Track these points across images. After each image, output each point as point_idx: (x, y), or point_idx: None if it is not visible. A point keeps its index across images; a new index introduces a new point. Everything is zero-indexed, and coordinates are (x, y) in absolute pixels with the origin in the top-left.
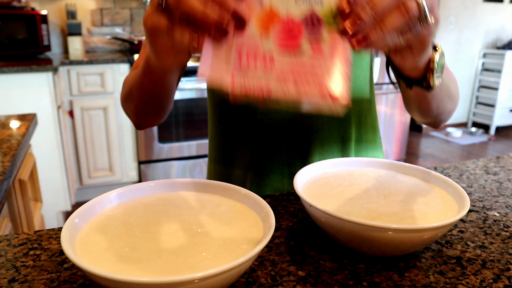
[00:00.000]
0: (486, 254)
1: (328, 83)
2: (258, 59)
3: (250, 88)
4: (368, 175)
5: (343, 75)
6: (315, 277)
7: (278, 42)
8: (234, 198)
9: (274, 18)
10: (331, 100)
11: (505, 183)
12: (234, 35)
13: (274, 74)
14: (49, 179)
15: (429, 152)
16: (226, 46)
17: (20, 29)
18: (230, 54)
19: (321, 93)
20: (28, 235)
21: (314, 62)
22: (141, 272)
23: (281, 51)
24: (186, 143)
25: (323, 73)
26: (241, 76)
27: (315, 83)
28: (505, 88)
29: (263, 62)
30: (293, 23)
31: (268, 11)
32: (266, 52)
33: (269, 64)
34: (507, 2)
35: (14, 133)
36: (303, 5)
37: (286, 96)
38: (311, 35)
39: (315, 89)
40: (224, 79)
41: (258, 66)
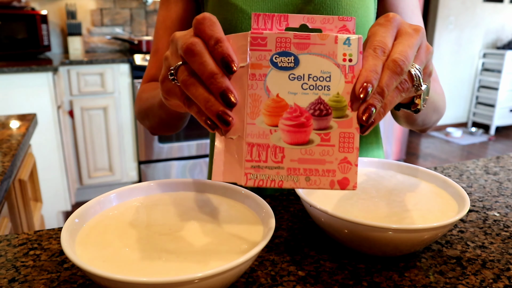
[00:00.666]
0: (486, 254)
1: (336, 171)
2: (269, 151)
3: (262, 181)
4: (368, 175)
5: (353, 164)
6: (315, 277)
7: (286, 131)
8: (234, 198)
9: (282, 106)
10: (340, 187)
11: (505, 183)
12: (245, 125)
13: (285, 165)
14: (49, 179)
15: (429, 152)
16: (237, 138)
17: (20, 29)
18: (242, 147)
19: (330, 181)
20: (28, 235)
21: (322, 149)
22: (141, 272)
23: (290, 141)
24: (186, 143)
25: (332, 160)
26: (253, 169)
27: (324, 172)
28: (505, 88)
29: (273, 154)
30: (300, 110)
31: (275, 100)
32: (276, 145)
33: (279, 155)
34: (507, 2)
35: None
36: (310, 92)
37: (297, 186)
38: (319, 122)
39: (324, 177)
40: (238, 176)
41: (269, 157)
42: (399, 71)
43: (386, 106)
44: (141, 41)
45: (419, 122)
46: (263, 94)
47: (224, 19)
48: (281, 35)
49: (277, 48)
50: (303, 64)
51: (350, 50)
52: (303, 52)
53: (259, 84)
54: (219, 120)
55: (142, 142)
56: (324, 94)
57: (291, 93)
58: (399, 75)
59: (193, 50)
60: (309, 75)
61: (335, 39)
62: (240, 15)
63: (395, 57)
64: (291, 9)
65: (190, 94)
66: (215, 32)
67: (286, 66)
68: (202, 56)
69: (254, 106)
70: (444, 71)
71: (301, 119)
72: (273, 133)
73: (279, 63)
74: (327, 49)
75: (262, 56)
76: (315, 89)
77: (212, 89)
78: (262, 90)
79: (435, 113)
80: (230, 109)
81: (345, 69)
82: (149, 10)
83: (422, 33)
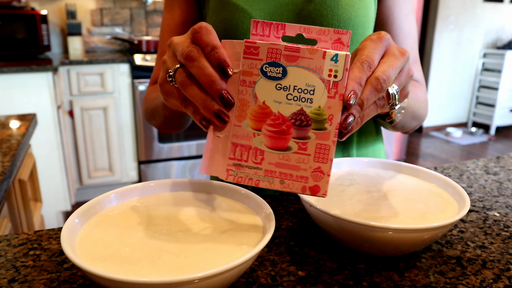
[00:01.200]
0: (486, 254)
1: (309, 179)
2: (251, 155)
3: (241, 178)
4: (368, 175)
5: (326, 174)
6: (315, 277)
7: (268, 136)
8: (234, 198)
9: (266, 113)
10: (310, 193)
11: (505, 183)
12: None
13: (263, 167)
14: (49, 179)
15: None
16: (224, 137)
17: (20, 29)
18: (227, 146)
19: (302, 187)
20: (28, 235)
21: (298, 157)
22: (141, 272)
23: (270, 145)
24: (186, 143)
25: (306, 168)
26: (234, 166)
27: (297, 178)
28: (505, 88)
29: (254, 156)
30: (283, 119)
31: (261, 106)
32: (257, 148)
33: (259, 157)
34: (507, 2)
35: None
36: (293, 103)
37: (271, 187)
38: (298, 131)
39: (297, 182)
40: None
41: (250, 158)
42: (379, 89)
43: (363, 117)
44: (141, 41)
45: (398, 127)
46: (251, 100)
47: (225, 19)
48: (273, 46)
49: (268, 58)
50: (290, 76)
51: (337, 67)
52: (292, 64)
53: (248, 90)
54: (217, 118)
55: (142, 142)
56: (306, 106)
57: (276, 101)
58: (379, 92)
59: (192, 56)
60: (294, 87)
61: (323, 54)
62: (241, 14)
63: (378, 75)
64: (291, 8)
65: (188, 94)
66: (212, 40)
67: (274, 76)
68: (201, 60)
69: (242, 110)
70: (444, 71)
71: (283, 127)
72: (256, 136)
73: (268, 73)
74: (314, 64)
75: (253, 64)
76: (299, 100)
77: (211, 91)
78: (251, 96)
79: (414, 120)
80: (228, 110)
81: (329, 84)
82: (149, 10)
83: (406, 57)
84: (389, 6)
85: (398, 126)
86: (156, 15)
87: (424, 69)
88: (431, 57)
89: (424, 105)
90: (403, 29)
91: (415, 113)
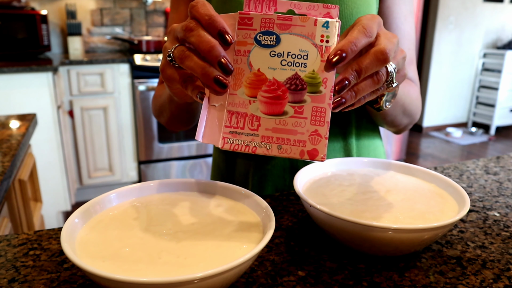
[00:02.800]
0: (486, 254)
1: (306, 142)
2: (247, 121)
3: (238, 146)
4: (368, 175)
5: (323, 137)
6: (315, 277)
7: (264, 102)
8: (234, 198)
9: (261, 80)
10: (309, 157)
11: (505, 183)
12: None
13: (260, 133)
14: (49, 179)
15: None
16: (220, 106)
17: (20, 29)
18: (223, 114)
19: (300, 151)
20: (28, 235)
21: (295, 121)
22: (141, 272)
23: (266, 111)
24: (186, 143)
25: (303, 132)
26: (231, 134)
27: (295, 142)
28: (505, 88)
29: (250, 122)
30: (278, 84)
31: (256, 74)
32: (253, 114)
33: (255, 123)
34: (507, 2)
35: (14, 133)
36: (288, 68)
37: (269, 153)
38: (294, 95)
39: (295, 147)
40: (216, 139)
41: (246, 125)
42: (382, 60)
43: (358, 91)
44: (141, 41)
45: (388, 121)
46: (246, 68)
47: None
48: (266, 16)
49: (261, 27)
50: (284, 43)
51: (328, 32)
52: (285, 32)
53: (243, 59)
54: (216, 83)
55: (142, 142)
56: (300, 70)
57: (271, 68)
58: (381, 64)
59: (191, 26)
60: (288, 53)
61: (314, 21)
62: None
63: (382, 47)
64: None
65: (187, 66)
66: (208, 10)
67: (268, 44)
68: (199, 30)
69: (237, 79)
70: (444, 71)
71: (278, 92)
72: (252, 103)
73: (262, 41)
74: (306, 30)
75: (247, 34)
76: (293, 65)
77: (210, 58)
78: (245, 65)
79: (405, 117)
80: (227, 76)
81: (321, 49)
82: (149, 10)
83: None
84: (388, 6)
85: (388, 119)
86: (156, 15)
87: (424, 69)
88: (431, 57)
89: (416, 103)
90: (401, 30)
91: (406, 108)
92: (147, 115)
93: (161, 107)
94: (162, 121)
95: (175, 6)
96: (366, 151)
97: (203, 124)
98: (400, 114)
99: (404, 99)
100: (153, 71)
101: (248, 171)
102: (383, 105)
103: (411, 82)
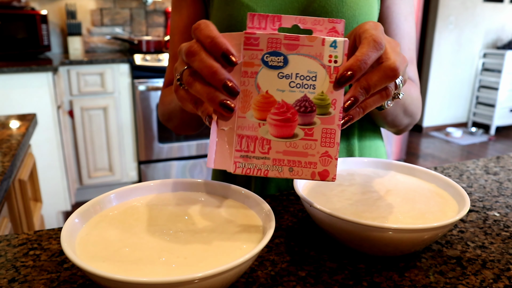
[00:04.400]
0: (486, 254)
1: (317, 164)
2: (257, 142)
3: (250, 170)
4: (368, 175)
5: (333, 158)
6: (315, 277)
7: (273, 125)
8: (234, 198)
9: (270, 102)
10: (320, 178)
11: (505, 183)
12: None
13: (271, 156)
14: (49, 179)
15: (429, 152)
16: (229, 129)
17: (20, 29)
18: (232, 138)
19: (311, 173)
20: (28, 235)
21: (305, 143)
22: (141, 272)
23: (277, 134)
24: (186, 143)
25: (314, 154)
26: (242, 158)
27: (306, 164)
28: (505, 88)
29: (261, 146)
30: (287, 107)
31: (264, 96)
32: (264, 137)
33: (266, 147)
34: (507, 2)
35: (14, 133)
36: (297, 90)
37: (281, 176)
38: (304, 118)
39: (306, 169)
40: (227, 164)
41: (257, 148)
42: (392, 76)
43: (366, 106)
44: (141, 41)
45: (388, 121)
46: (253, 90)
47: (229, 15)
48: (273, 36)
49: (268, 48)
50: (292, 64)
51: (336, 52)
52: (292, 53)
53: (251, 81)
54: (223, 107)
55: (142, 142)
56: (309, 92)
57: (279, 90)
58: (390, 80)
59: (192, 51)
60: (296, 74)
61: (322, 41)
62: (246, 11)
63: (392, 62)
64: (296, 6)
65: (194, 91)
66: (210, 31)
67: (275, 65)
68: (200, 54)
69: (245, 101)
70: (444, 71)
71: (288, 114)
72: (261, 126)
73: (270, 62)
74: (314, 51)
75: (254, 55)
76: (302, 87)
77: (214, 82)
78: (253, 87)
79: (406, 117)
80: (233, 99)
81: (330, 69)
82: (149, 10)
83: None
84: (388, 5)
85: (388, 119)
86: (156, 15)
87: (424, 69)
88: (431, 57)
89: (417, 102)
90: (401, 30)
91: (407, 108)
92: (147, 115)
93: (171, 113)
94: (170, 126)
95: (177, 9)
96: (368, 151)
97: (213, 150)
98: (401, 114)
99: (405, 99)
100: (153, 71)
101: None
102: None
103: (411, 82)
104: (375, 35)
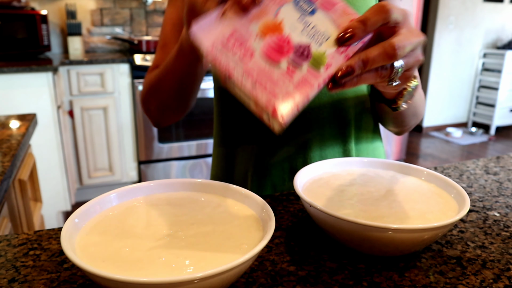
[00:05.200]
0: (486, 254)
1: (279, 98)
2: (242, 49)
3: (220, 63)
4: (368, 175)
5: (295, 104)
6: (315, 277)
7: (265, 47)
8: (234, 198)
9: (277, 30)
10: (271, 114)
11: (505, 183)
12: (240, 19)
13: (244, 66)
14: (49, 179)
15: (429, 152)
16: (228, 23)
17: (20, 29)
18: (224, 32)
19: (267, 103)
20: (28, 235)
21: (282, 77)
22: (141, 272)
23: (263, 55)
24: (186, 143)
25: (281, 91)
26: (219, 50)
27: (270, 92)
28: (505, 88)
29: (243, 53)
30: (288, 42)
31: (276, 23)
32: (251, 48)
33: (247, 58)
34: (507, 2)
35: (14, 133)
36: (305, 36)
37: (241, 85)
38: (294, 59)
39: (265, 97)
40: (205, 44)
41: (238, 53)
42: (391, 55)
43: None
44: (141, 41)
45: (398, 122)
46: (271, 13)
47: None
48: None
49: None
50: (316, 17)
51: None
52: (323, 10)
53: (274, 6)
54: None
55: (142, 142)
56: (314, 44)
57: (291, 28)
58: (389, 59)
59: None
60: (313, 27)
61: (351, 21)
62: None
63: (393, 41)
64: None
65: None
66: None
67: (303, 9)
68: None
69: (258, 16)
70: (444, 71)
71: (285, 44)
72: (257, 37)
73: (300, 3)
74: (340, 22)
75: None
76: (311, 38)
77: None
78: (273, 11)
79: (414, 117)
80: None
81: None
82: (149, 10)
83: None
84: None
85: (399, 119)
86: (156, 15)
87: (424, 69)
88: (431, 57)
89: (423, 104)
90: None
91: (416, 109)
92: None
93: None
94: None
95: (172, 1)
96: (365, 152)
97: (208, 22)
98: (410, 115)
99: (417, 100)
100: None
101: (247, 171)
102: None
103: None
104: (384, 3)
